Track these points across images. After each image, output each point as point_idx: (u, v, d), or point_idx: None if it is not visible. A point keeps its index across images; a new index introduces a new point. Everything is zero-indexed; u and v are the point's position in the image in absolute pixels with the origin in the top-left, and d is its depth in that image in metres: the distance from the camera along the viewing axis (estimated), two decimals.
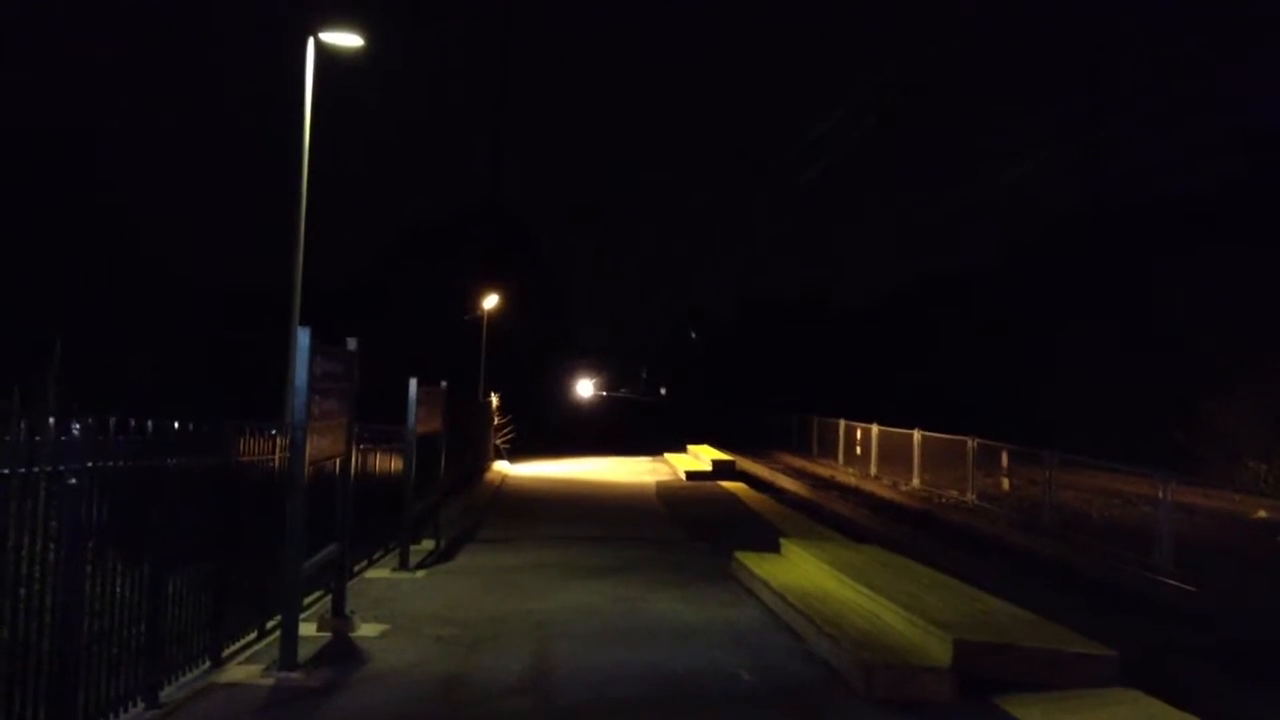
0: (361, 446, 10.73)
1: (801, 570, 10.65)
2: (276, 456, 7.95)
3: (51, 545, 4.74)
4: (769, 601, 9.76)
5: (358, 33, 11.94)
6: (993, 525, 17.72)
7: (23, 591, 4.57)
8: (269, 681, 6.55)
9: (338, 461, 8.30)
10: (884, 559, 10.81)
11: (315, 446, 7.10)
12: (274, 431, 8.11)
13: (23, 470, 4.43)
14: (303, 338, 6.85)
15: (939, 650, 7.04)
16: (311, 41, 12.05)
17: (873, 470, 26.40)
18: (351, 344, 8.31)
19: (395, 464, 12.68)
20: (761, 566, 10.80)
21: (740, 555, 11.54)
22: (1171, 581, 12.60)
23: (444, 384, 14.14)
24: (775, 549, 12.47)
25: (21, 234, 26.94)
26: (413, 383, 11.78)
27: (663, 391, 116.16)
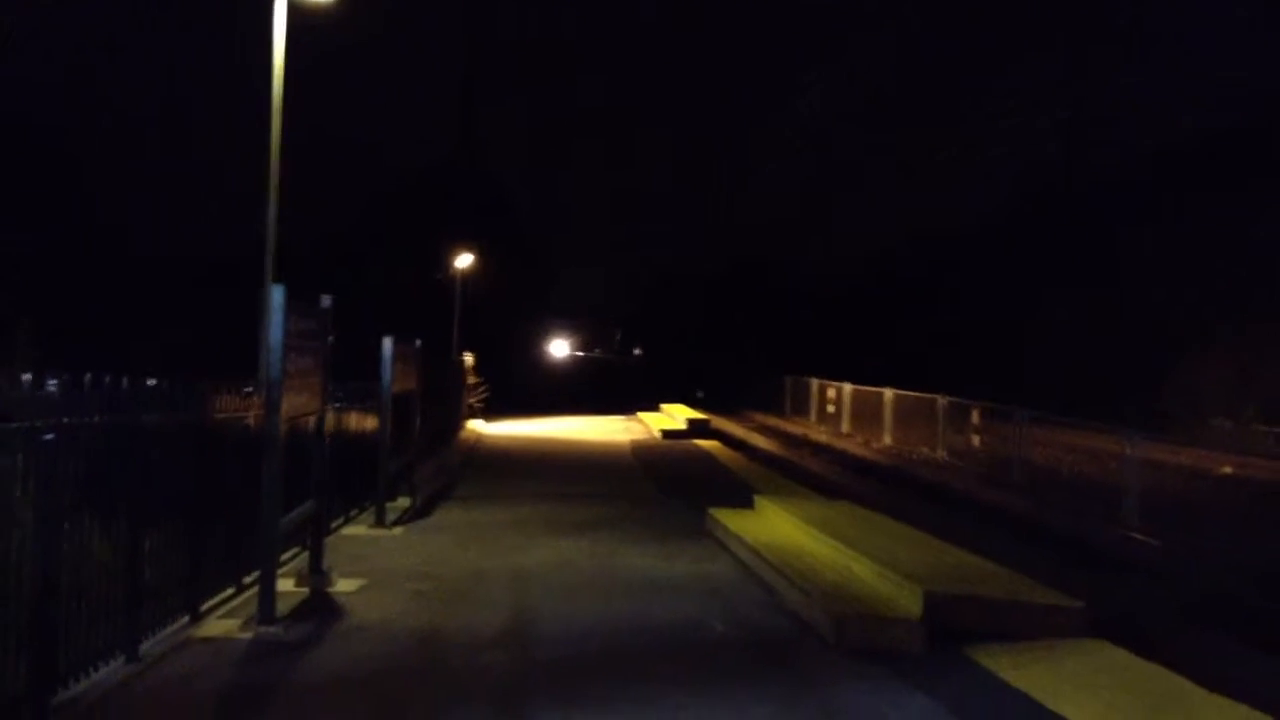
0: (337, 405, 10.74)
1: (775, 526, 10.78)
2: (252, 414, 7.95)
3: (28, 501, 4.75)
4: (743, 556, 9.89)
5: None
6: (963, 481, 17.94)
7: (1, 547, 4.59)
8: (247, 635, 6.60)
9: (313, 419, 8.32)
10: (856, 514, 10.97)
11: (290, 403, 7.11)
12: (249, 389, 8.11)
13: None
14: (276, 295, 6.83)
15: (909, 602, 7.18)
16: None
17: (845, 428, 26.63)
18: (325, 301, 8.29)
19: (371, 423, 12.69)
20: (736, 522, 10.93)
21: (715, 511, 11.66)
22: (1138, 536, 12.85)
23: (418, 343, 14.12)
24: (750, 505, 12.62)
25: None
26: (387, 341, 11.76)
27: (637, 352, 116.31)
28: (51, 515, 4.93)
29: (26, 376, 4.80)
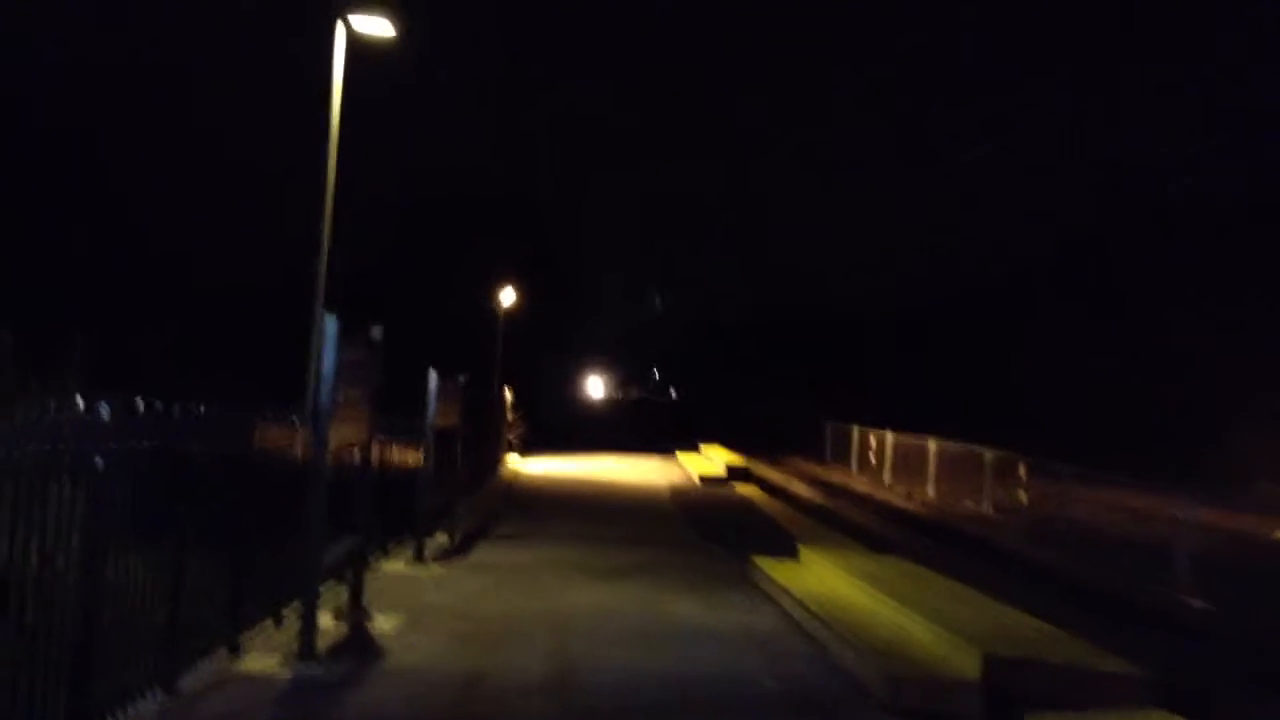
0: (380, 438, 10.63)
1: (821, 578, 10.51)
2: (298, 443, 7.85)
3: (75, 529, 4.64)
4: (789, 608, 9.64)
5: (388, 18, 11.80)
6: (1009, 538, 17.54)
7: (45, 575, 4.47)
8: (287, 674, 6.44)
9: (358, 452, 8.21)
10: (905, 569, 10.68)
11: (337, 435, 7.00)
12: (294, 418, 8.02)
13: (48, 449, 4.33)
14: (329, 325, 6.74)
15: (966, 663, 6.90)
16: (341, 27, 11.92)
17: (886, 478, 26.21)
18: (375, 332, 8.20)
19: (412, 456, 12.59)
20: (781, 573, 10.68)
21: (758, 560, 11.41)
22: (1192, 600, 12.46)
23: (463, 378, 14.04)
24: (793, 555, 12.36)
25: (33, 223, 26.91)
26: (432, 374, 11.68)
27: (673, 393, 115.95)
28: (97, 543, 4.82)
29: (79, 400, 4.71)
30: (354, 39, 12.08)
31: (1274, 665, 9.45)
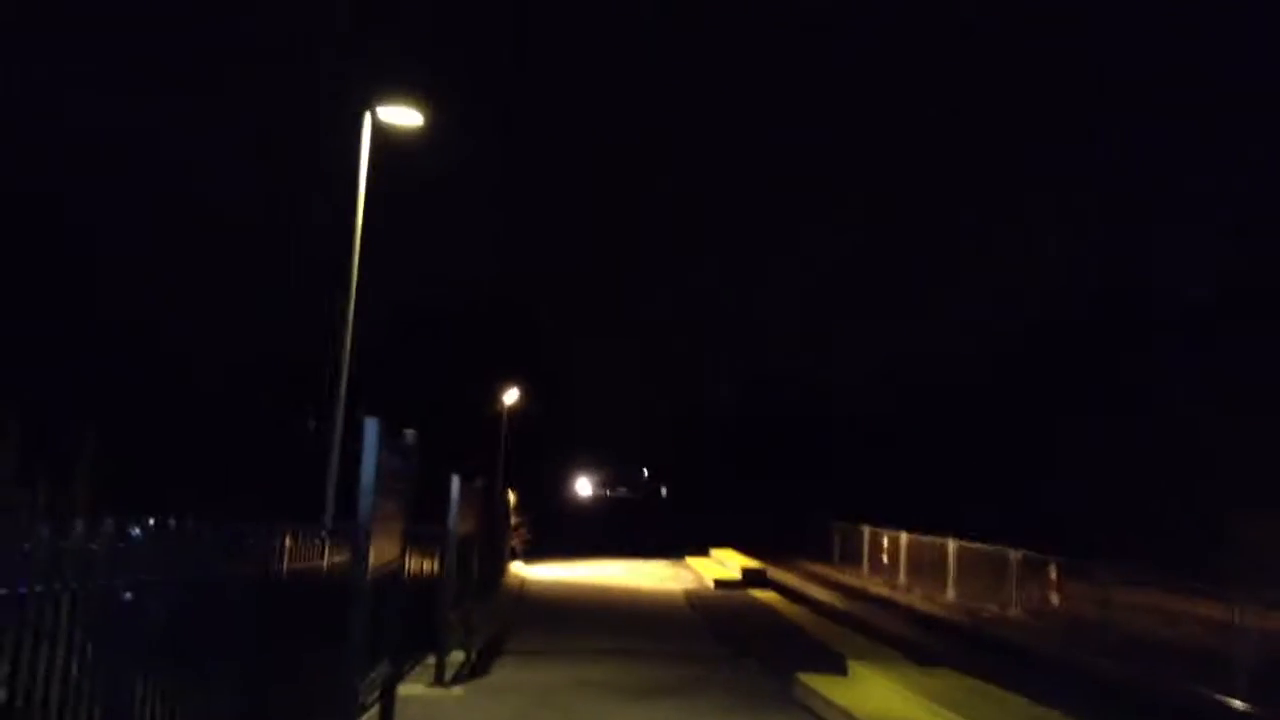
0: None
1: (880, 697, 9.70)
2: (325, 562, 7.11)
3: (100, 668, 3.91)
4: None
5: (415, 108, 11.35)
6: (1046, 643, 16.69)
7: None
8: None
9: (392, 568, 7.45)
10: (969, 685, 9.88)
11: (376, 551, 6.27)
12: (322, 534, 7.28)
13: (75, 585, 3.62)
14: (370, 432, 6.06)
15: None
16: (368, 117, 11.47)
17: (902, 580, 25.32)
18: (410, 436, 7.53)
19: (427, 564, 11.81)
20: (835, 692, 9.87)
21: (805, 678, 10.60)
22: (1252, 709, 11.74)
23: (479, 482, 13.33)
24: (830, 667, 11.60)
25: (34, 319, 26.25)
26: (455, 480, 10.97)
27: (663, 492, 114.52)
28: (118, 683, 4.06)
29: (108, 523, 4.01)
30: (379, 129, 11.64)
31: None
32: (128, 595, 3.94)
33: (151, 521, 4.16)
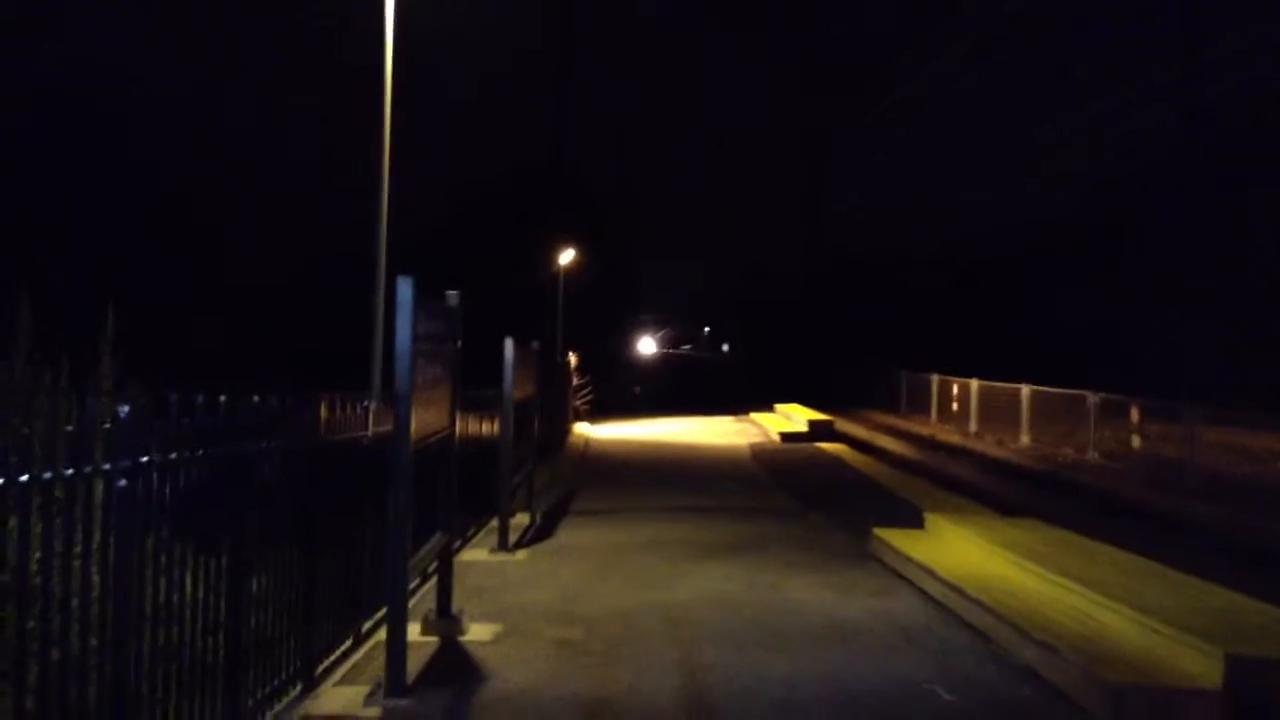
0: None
1: (960, 551, 9.26)
2: (370, 432, 6.74)
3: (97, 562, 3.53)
4: (931, 589, 8.41)
5: None
6: (1128, 488, 16.12)
7: (73, 603, 3.40)
8: (374, 713, 5.33)
9: (440, 437, 7.05)
10: (1057, 537, 9.38)
11: (419, 420, 5.84)
12: (366, 403, 6.89)
13: (49, 476, 3.20)
14: (404, 289, 5.56)
15: (1198, 666, 5.63)
16: None
17: (973, 427, 24.79)
18: (453, 298, 7.03)
19: (486, 428, 11.52)
20: (912, 547, 9.44)
21: (880, 533, 10.19)
22: None
23: (535, 344, 12.91)
24: (904, 519, 11.19)
25: (68, 191, 26.08)
26: (508, 343, 10.54)
27: (725, 348, 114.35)
28: (126, 576, 3.69)
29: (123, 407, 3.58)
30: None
31: None
32: (122, 482, 3.52)
33: (143, 401, 3.71)
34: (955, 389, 26.60)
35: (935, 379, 28.01)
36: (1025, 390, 22.39)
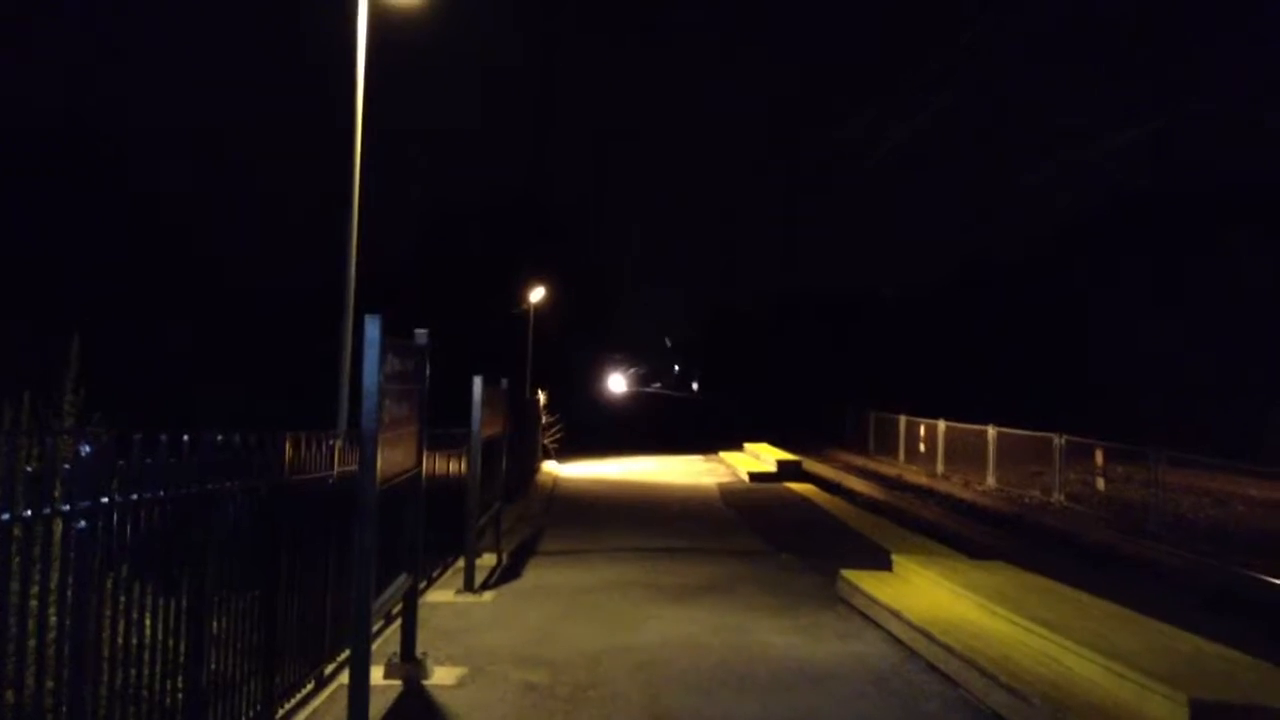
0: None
1: (928, 594, 9.26)
2: (335, 471, 6.67)
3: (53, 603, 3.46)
4: (898, 633, 8.40)
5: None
6: (1093, 531, 16.24)
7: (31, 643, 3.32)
8: None
9: (407, 476, 6.99)
10: (1022, 580, 9.39)
11: (386, 460, 5.79)
12: (331, 441, 6.82)
13: (6, 517, 3.13)
14: (371, 329, 5.52)
15: (1163, 711, 5.64)
16: None
17: (940, 469, 24.94)
18: (421, 336, 7.00)
19: (453, 466, 11.44)
20: (879, 589, 9.42)
21: (848, 575, 10.16)
22: None
23: (504, 382, 12.86)
24: (874, 562, 11.16)
25: (39, 226, 25.86)
26: (477, 381, 10.49)
27: (694, 387, 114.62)
28: (84, 617, 3.62)
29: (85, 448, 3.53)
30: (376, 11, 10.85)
31: None
32: (81, 524, 3.46)
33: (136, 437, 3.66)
34: (922, 430, 26.77)
35: (903, 419, 28.19)
36: (991, 432, 22.57)
